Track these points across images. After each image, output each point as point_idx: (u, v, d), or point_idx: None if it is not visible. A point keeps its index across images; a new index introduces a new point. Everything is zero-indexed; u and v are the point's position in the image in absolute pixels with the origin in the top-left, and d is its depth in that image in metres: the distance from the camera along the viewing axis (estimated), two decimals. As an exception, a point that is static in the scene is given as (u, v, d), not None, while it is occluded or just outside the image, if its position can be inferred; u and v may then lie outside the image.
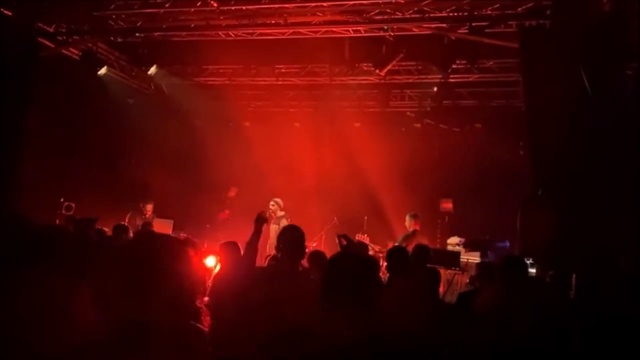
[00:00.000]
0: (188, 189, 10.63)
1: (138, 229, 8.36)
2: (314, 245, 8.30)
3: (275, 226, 8.45)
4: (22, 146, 8.21)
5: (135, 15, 8.58)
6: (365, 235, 8.28)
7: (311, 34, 8.27)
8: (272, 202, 8.85)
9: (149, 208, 9.60)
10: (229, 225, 9.56)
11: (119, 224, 6.79)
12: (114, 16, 8.70)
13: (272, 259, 4.86)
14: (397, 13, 7.56)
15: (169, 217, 9.74)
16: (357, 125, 10.74)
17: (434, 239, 8.98)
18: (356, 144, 10.14)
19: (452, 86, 9.57)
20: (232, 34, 8.61)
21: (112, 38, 9.41)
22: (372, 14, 7.67)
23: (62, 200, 9.09)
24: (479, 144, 9.65)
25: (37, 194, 8.38)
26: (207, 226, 10.06)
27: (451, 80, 9.27)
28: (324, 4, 7.46)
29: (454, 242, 8.52)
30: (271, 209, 8.72)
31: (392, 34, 7.88)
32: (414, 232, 7.83)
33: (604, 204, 5.75)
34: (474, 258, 7.87)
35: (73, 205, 9.13)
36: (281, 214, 8.77)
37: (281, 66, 10.11)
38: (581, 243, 5.55)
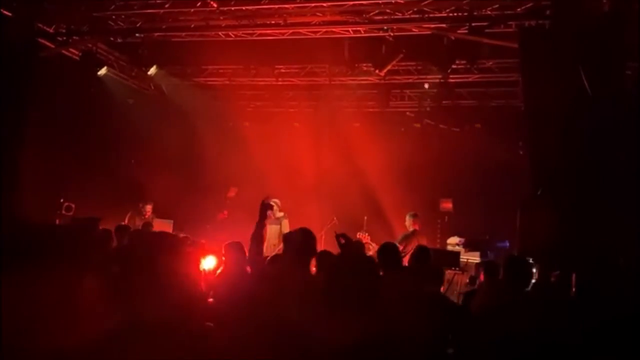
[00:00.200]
0: (188, 189, 10.63)
1: (138, 229, 8.36)
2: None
3: (274, 226, 8.45)
4: (22, 146, 8.21)
5: (135, 16, 8.59)
6: (366, 234, 8.27)
7: (311, 34, 8.28)
8: (271, 203, 8.83)
9: (149, 208, 9.60)
10: (227, 225, 9.55)
11: (120, 225, 6.82)
12: (113, 17, 8.71)
13: (273, 259, 4.85)
14: (397, 13, 7.57)
15: (168, 217, 9.77)
16: (356, 125, 10.70)
17: (433, 239, 9.00)
18: (356, 144, 10.14)
19: (452, 86, 9.57)
20: (232, 34, 8.62)
21: (112, 38, 9.40)
22: (371, 14, 7.68)
23: (62, 200, 9.10)
24: (478, 144, 9.64)
25: (37, 194, 8.38)
26: (207, 226, 10.04)
27: (451, 81, 9.27)
28: (324, 4, 7.47)
29: (453, 242, 8.54)
30: (271, 209, 8.72)
31: (391, 34, 7.88)
32: (414, 232, 7.82)
33: (603, 204, 5.76)
34: (474, 258, 7.90)
35: (73, 205, 9.14)
36: (280, 214, 8.77)
37: (281, 66, 10.10)
38: (581, 243, 5.55)
